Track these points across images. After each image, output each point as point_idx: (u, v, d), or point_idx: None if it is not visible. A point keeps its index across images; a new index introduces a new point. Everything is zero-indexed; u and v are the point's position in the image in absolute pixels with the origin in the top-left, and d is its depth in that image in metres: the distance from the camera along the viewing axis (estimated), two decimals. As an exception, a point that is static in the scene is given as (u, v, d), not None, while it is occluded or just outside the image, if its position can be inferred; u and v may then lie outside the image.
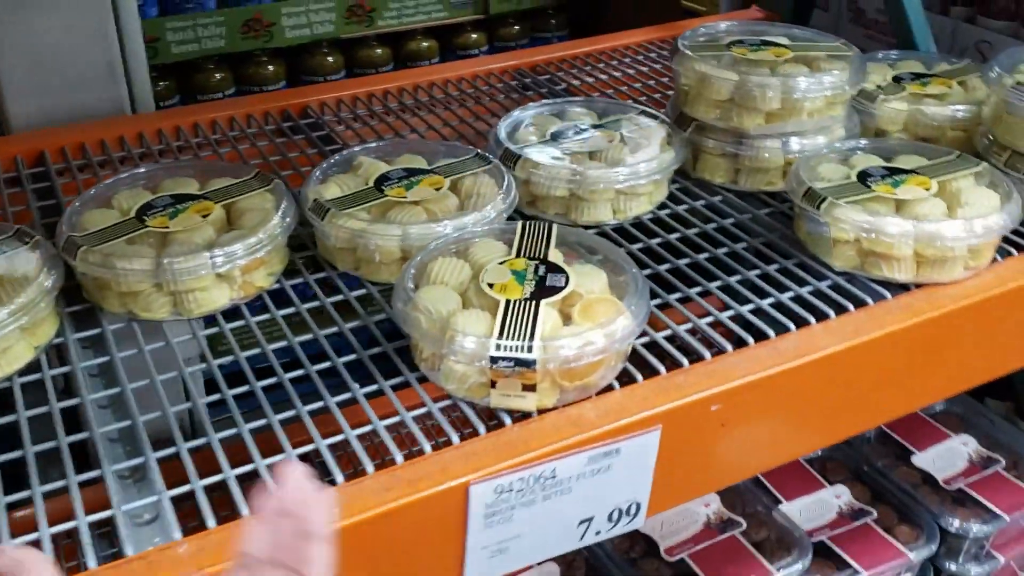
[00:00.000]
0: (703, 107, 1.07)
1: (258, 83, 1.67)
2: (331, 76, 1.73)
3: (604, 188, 0.99)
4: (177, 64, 1.61)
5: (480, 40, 1.88)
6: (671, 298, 0.90)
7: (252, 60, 1.67)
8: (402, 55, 1.82)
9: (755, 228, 1.02)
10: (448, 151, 1.03)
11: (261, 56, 1.67)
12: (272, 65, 1.68)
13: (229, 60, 1.65)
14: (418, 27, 1.80)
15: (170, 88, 1.61)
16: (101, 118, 1.31)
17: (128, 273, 0.82)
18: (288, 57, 1.72)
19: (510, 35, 1.91)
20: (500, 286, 0.79)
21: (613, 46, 1.50)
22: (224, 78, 1.64)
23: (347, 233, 0.89)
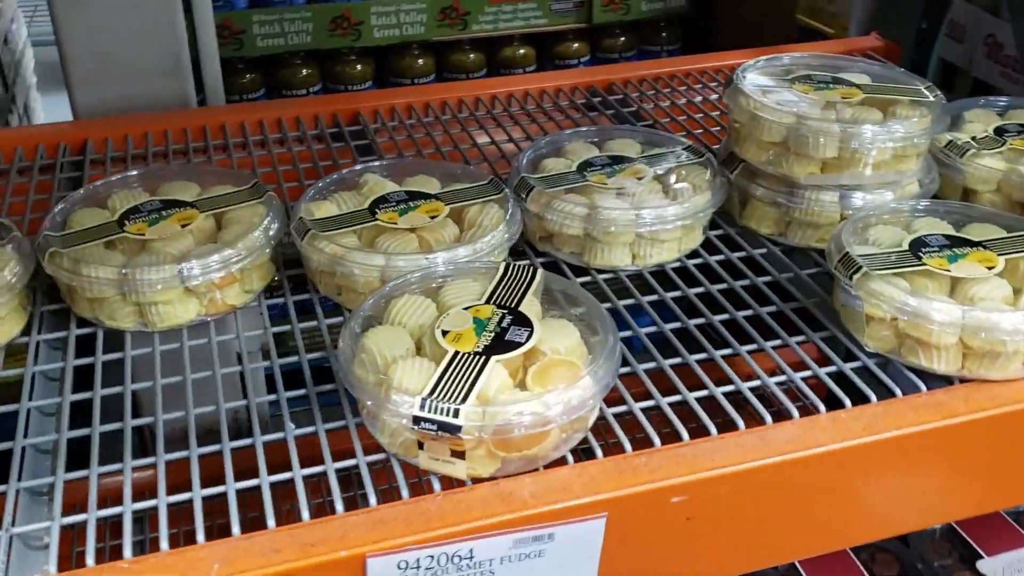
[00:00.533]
0: (753, 148, 0.96)
1: (344, 81, 1.65)
2: (420, 79, 1.69)
3: (621, 231, 0.90)
4: (264, 58, 1.61)
5: (581, 50, 1.80)
6: (665, 363, 0.80)
7: (340, 58, 1.65)
8: (496, 61, 1.77)
9: (792, 291, 0.91)
10: (464, 174, 0.97)
11: (349, 54, 1.65)
12: (360, 64, 1.66)
13: (316, 56, 1.64)
14: (515, 33, 1.74)
15: (255, 81, 1.61)
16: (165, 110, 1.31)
17: (92, 280, 0.80)
18: (377, 56, 1.69)
19: (614, 46, 1.82)
20: (455, 335, 0.72)
21: (701, 68, 1.39)
22: (310, 74, 1.63)
23: (326, 258, 0.84)
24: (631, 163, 0.98)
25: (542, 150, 1.02)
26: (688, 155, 0.99)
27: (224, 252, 0.82)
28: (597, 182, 0.94)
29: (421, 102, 1.27)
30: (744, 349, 0.82)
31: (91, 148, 1.15)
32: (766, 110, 0.94)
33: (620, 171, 0.96)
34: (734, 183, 0.98)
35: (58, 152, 1.14)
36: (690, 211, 0.91)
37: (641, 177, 0.95)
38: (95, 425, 0.73)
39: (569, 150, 1.01)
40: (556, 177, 0.95)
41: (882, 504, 0.76)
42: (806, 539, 0.76)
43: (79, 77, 1.27)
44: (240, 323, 0.85)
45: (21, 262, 0.82)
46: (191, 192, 0.92)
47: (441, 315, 0.75)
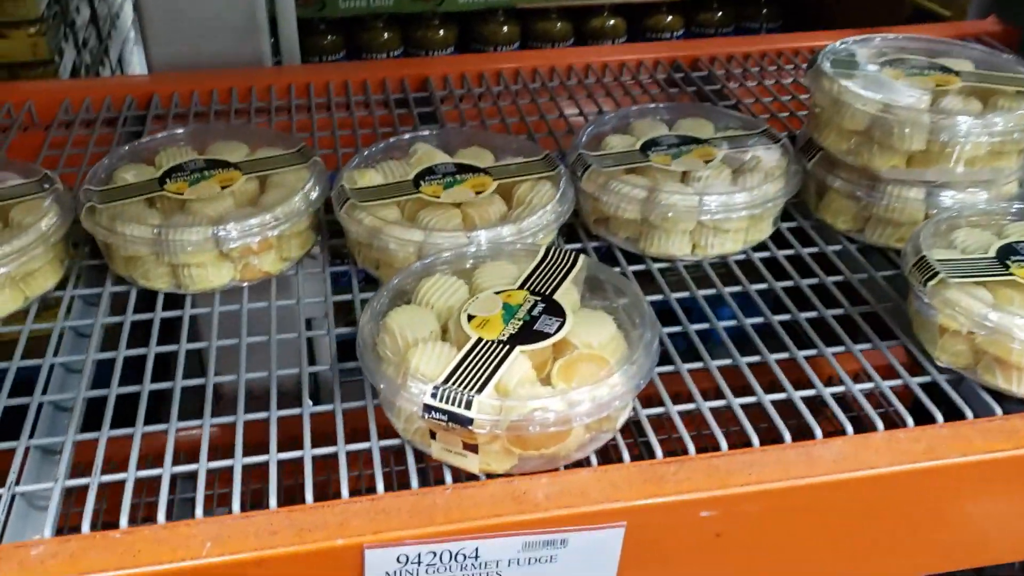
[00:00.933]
0: (833, 136, 0.89)
1: (425, 47, 1.62)
2: (503, 47, 1.64)
3: (681, 218, 0.84)
4: (345, 20, 1.58)
5: (675, 23, 1.72)
6: (712, 364, 0.75)
7: (422, 22, 1.61)
8: (584, 32, 1.70)
9: (864, 294, 0.83)
10: (520, 148, 0.92)
11: (431, 19, 1.61)
12: (442, 29, 1.62)
13: (398, 20, 1.61)
14: (606, 2, 1.67)
15: (336, 43, 1.59)
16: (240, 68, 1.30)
17: (126, 238, 0.78)
18: (461, 22, 1.65)
19: (710, 21, 1.74)
20: (481, 320, 0.68)
21: (795, 47, 1.31)
22: (391, 38, 1.60)
23: (363, 230, 0.80)
24: (700, 144, 0.91)
25: (606, 126, 0.96)
26: (764, 139, 0.92)
27: (262, 217, 0.80)
28: (660, 163, 0.88)
29: (492, 70, 1.22)
30: (802, 354, 0.76)
31: (157, 103, 1.15)
32: (849, 95, 0.86)
33: (687, 152, 0.90)
34: (811, 172, 0.91)
35: (123, 105, 1.14)
36: (759, 199, 0.84)
37: (709, 160, 0.89)
38: (113, 386, 0.71)
39: (635, 127, 0.96)
40: (616, 156, 0.90)
41: (940, 537, 0.69)
42: (849, 567, 0.70)
43: (154, 33, 1.27)
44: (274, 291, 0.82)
45: (60, 214, 0.81)
46: (238, 153, 0.89)
47: (470, 298, 0.70)
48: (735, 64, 1.28)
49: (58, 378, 0.74)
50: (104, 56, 1.92)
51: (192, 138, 0.91)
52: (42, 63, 1.50)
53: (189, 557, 0.57)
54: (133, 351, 0.75)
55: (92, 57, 1.83)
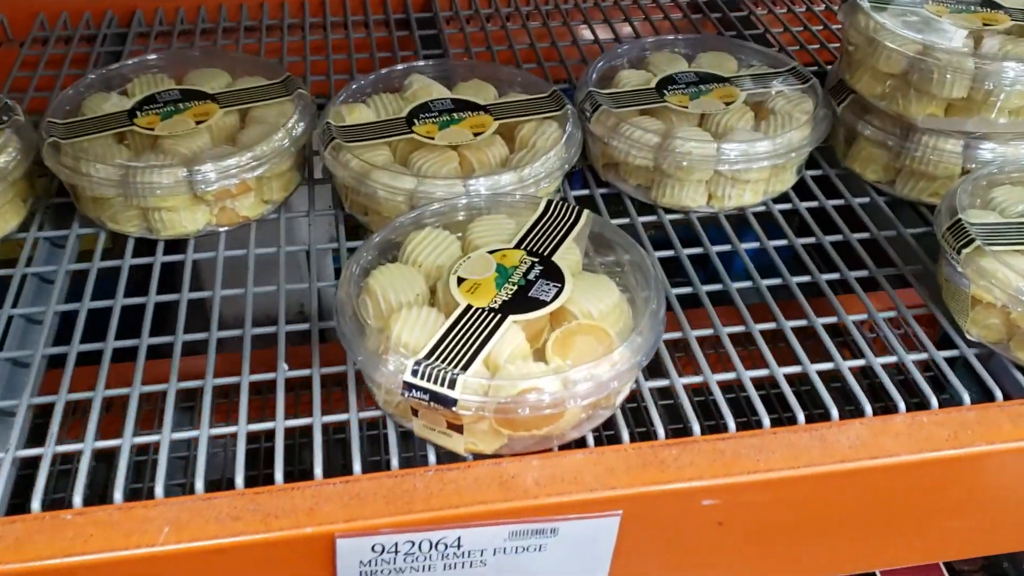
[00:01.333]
0: (867, 79, 0.81)
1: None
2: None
3: (696, 167, 0.77)
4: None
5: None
6: (723, 331, 0.69)
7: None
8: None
9: (890, 254, 0.77)
10: (525, 83, 0.84)
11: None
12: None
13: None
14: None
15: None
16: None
17: (92, 180, 0.72)
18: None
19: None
20: (472, 284, 0.62)
21: (829, -31, 1.21)
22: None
23: (349, 174, 0.74)
24: (721, 83, 0.84)
25: (620, 59, 0.88)
26: (791, 79, 0.85)
27: (240, 156, 0.73)
28: (677, 103, 0.81)
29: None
30: (821, 322, 0.70)
31: (140, 19, 1.07)
32: (885, 33, 0.78)
33: (707, 92, 0.83)
34: (840, 117, 0.83)
35: (103, 22, 1.06)
36: (782, 148, 0.77)
37: (730, 102, 0.81)
38: (74, 344, 0.66)
39: (652, 61, 0.88)
40: (629, 94, 0.82)
41: (959, 525, 0.64)
42: (860, 556, 0.65)
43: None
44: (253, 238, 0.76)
45: (20, 149, 0.74)
46: (218, 82, 0.82)
47: (462, 257, 0.64)
48: (763, -13, 1.19)
49: (17, 331, 0.69)
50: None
51: (169, 64, 0.84)
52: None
53: (144, 544, 0.53)
54: (98, 303, 0.70)
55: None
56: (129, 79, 0.82)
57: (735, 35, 1.08)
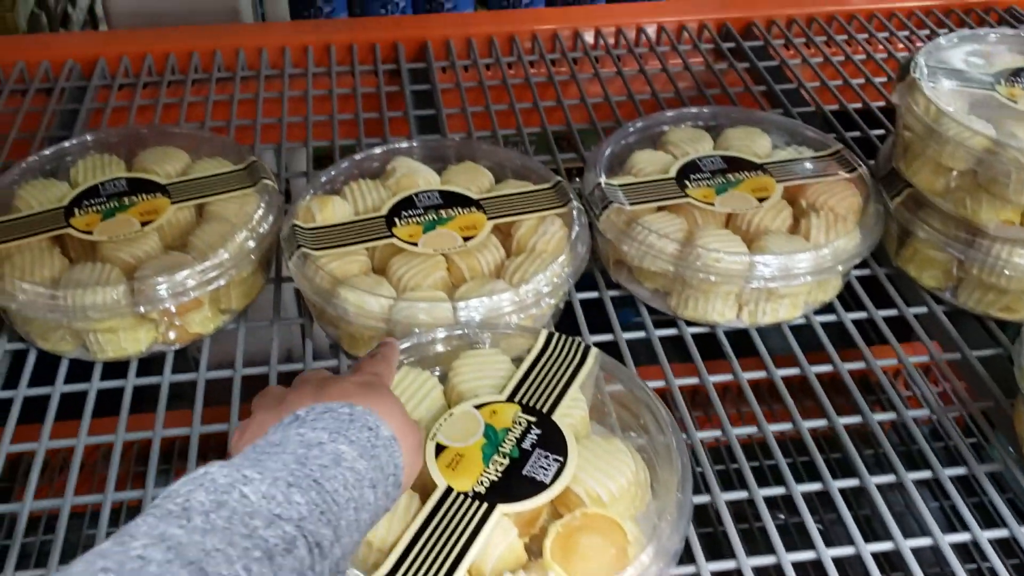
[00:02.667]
0: (927, 172, 0.69)
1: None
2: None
3: (725, 282, 0.65)
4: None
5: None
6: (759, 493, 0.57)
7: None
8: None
9: (953, 383, 0.65)
10: (524, 169, 0.73)
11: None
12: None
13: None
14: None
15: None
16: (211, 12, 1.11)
17: (15, 299, 0.61)
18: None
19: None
20: (454, 455, 0.51)
21: (869, 10, 1.09)
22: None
23: (316, 290, 0.63)
24: (753, 171, 0.72)
25: (632, 137, 0.77)
26: (835, 165, 0.73)
27: (192, 268, 0.62)
28: (701, 199, 0.70)
29: (504, 33, 1.02)
30: (874, 481, 0.58)
31: (103, 69, 0.96)
32: (948, 123, 0.66)
33: (736, 183, 0.71)
34: (893, 213, 0.71)
35: (63, 72, 0.95)
36: (828, 261, 0.65)
37: (764, 197, 0.70)
38: (-16, 506, 0.56)
39: (671, 140, 0.76)
40: (645, 186, 0.71)
41: None
42: None
43: (108, -28, 1.08)
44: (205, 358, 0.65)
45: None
46: (174, 165, 0.71)
47: (444, 412, 0.53)
48: (796, 31, 1.07)
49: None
50: (81, -26, 1.71)
51: (121, 142, 0.73)
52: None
53: None
54: (19, 447, 0.59)
55: (65, -22, 1.63)
56: (73, 161, 0.71)
57: (765, 90, 0.96)
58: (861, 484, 0.58)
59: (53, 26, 1.53)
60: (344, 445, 0.40)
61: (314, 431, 0.40)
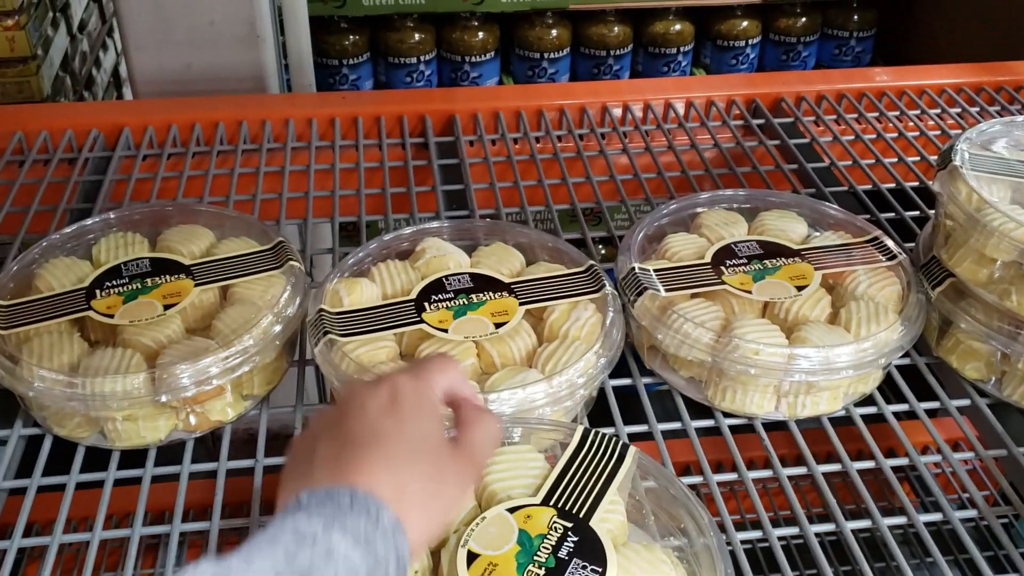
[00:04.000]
0: (969, 262, 0.67)
1: (462, 51, 1.40)
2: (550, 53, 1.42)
3: (763, 375, 0.63)
4: (370, 18, 1.37)
5: (751, 29, 1.48)
6: (802, 606, 0.55)
7: (458, 22, 1.39)
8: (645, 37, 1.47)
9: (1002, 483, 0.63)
10: (555, 252, 0.72)
11: (470, 19, 1.39)
12: (482, 32, 1.40)
13: (431, 19, 1.39)
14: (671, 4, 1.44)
15: (358, 44, 1.38)
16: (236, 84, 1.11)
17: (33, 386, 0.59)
18: (503, 23, 1.43)
19: (791, 28, 1.49)
20: (486, 565, 0.48)
21: (900, 87, 1.08)
22: (424, 40, 1.39)
23: (342, 376, 0.61)
24: (790, 258, 0.70)
25: (666, 218, 0.75)
26: (873, 251, 0.71)
27: (215, 356, 0.60)
28: (738, 286, 0.68)
29: (532, 108, 1.01)
30: (922, 589, 0.56)
31: (128, 139, 0.96)
32: (993, 214, 0.64)
33: (773, 271, 0.69)
34: (935, 303, 0.69)
35: (87, 141, 0.95)
36: (870, 355, 0.63)
37: (802, 285, 0.68)
38: (-6, 604, 0.54)
39: (704, 224, 0.75)
40: (679, 272, 0.69)
41: None
42: None
43: (137, 42, 1.08)
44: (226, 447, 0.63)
45: (-42, 336, 0.62)
46: (198, 245, 0.70)
47: (475, 515, 0.51)
48: (825, 107, 1.06)
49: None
50: (107, 38, 1.73)
51: (144, 220, 0.72)
52: (21, 60, 1.31)
53: None
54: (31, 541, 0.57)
55: (91, 40, 1.65)
56: (95, 239, 0.70)
57: (796, 168, 0.94)
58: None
59: (77, 88, 1.54)
60: (338, 535, 0.39)
61: (310, 522, 0.39)
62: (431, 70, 1.44)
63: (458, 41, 1.41)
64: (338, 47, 1.38)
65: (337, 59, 1.38)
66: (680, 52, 1.50)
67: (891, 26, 1.57)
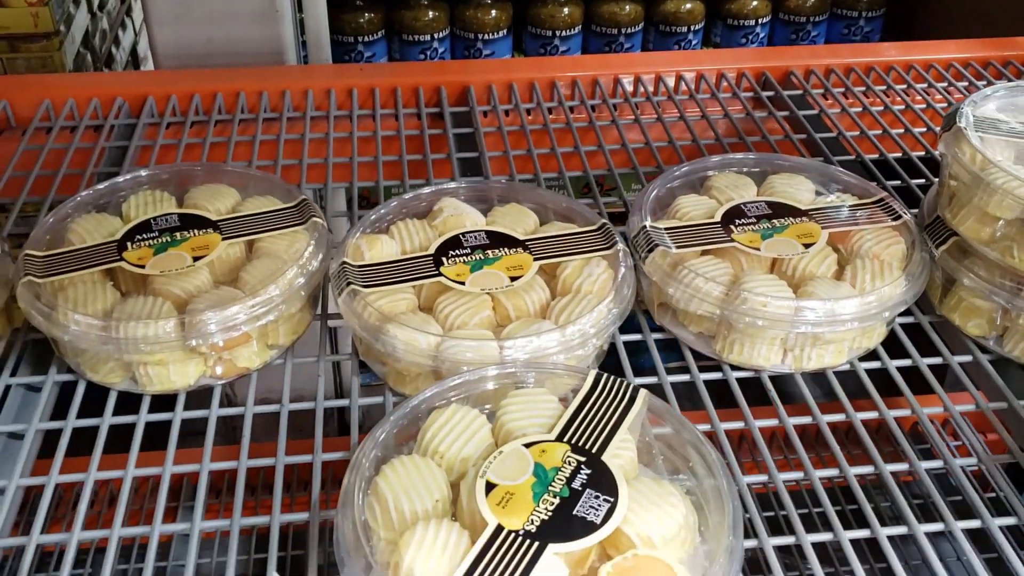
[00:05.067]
0: (973, 221, 0.69)
1: (474, 28, 1.42)
2: (562, 31, 1.44)
3: (770, 327, 0.65)
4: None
5: (760, 9, 1.50)
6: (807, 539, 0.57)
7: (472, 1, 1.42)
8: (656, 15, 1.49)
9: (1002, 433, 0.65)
10: (570, 212, 0.74)
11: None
12: (494, 9, 1.42)
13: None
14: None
15: (374, 22, 1.40)
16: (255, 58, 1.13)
17: (67, 330, 0.62)
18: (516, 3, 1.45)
19: (802, 8, 1.51)
20: (504, 493, 0.51)
21: (908, 61, 1.10)
22: (437, 18, 1.41)
23: (364, 325, 0.63)
24: (798, 218, 0.72)
25: (676, 182, 0.77)
26: (879, 212, 0.73)
27: (242, 305, 0.63)
28: (747, 243, 0.70)
29: (545, 80, 1.04)
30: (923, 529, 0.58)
31: (151, 108, 0.98)
32: (996, 173, 0.66)
33: (781, 229, 0.71)
34: (938, 261, 0.71)
35: (112, 110, 0.97)
36: (874, 308, 0.65)
37: (809, 243, 0.70)
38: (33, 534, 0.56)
39: (715, 186, 0.77)
40: (690, 231, 0.71)
41: None
42: None
43: (159, 16, 1.10)
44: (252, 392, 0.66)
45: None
46: (224, 203, 0.73)
47: (492, 450, 0.53)
48: (834, 81, 1.07)
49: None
50: (126, 17, 1.76)
51: (172, 178, 0.75)
52: (44, 35, 1.34)
53: None
54: (66, 477, 0.60)
55: (111, 19, 1.67)
56: (125, 196, 0.73)
57: (805, 138, 0.96)
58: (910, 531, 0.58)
59: (97, 65, 1.57)
60: None
61: None
62: (444, 48, 1.46)
63: (471, 19, 1.44)
64: (353, 24, 1.40)
65: (352, 36, 1.41)
66: (691, 31, 1.51)
67: (900, 6, 1.58)
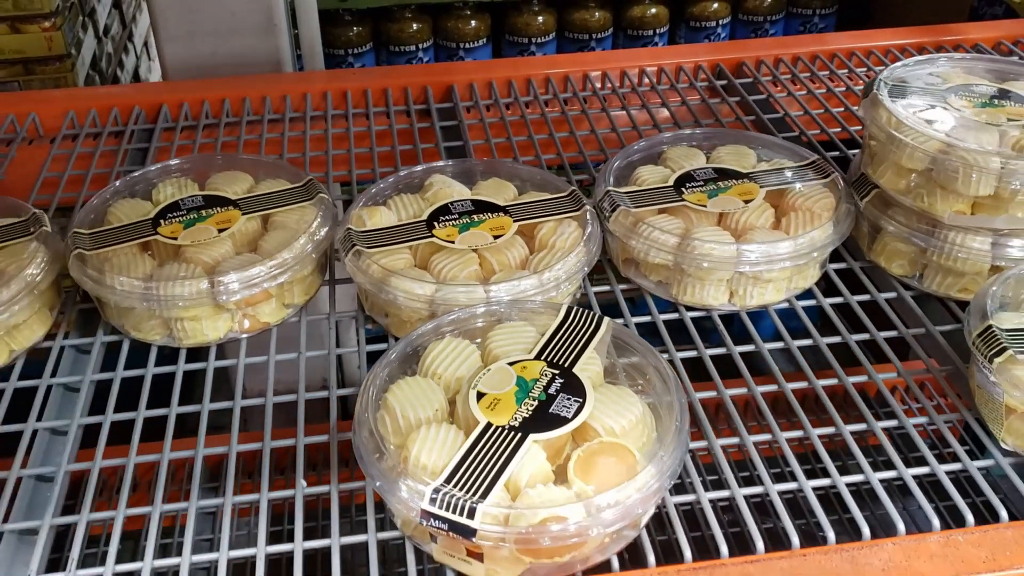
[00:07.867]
0: (890, 174, 0.80)
1: (456, 38, 1.54)
2: (538, 38, 1.56)
3: (717, 268, 0.76)
4: (372, 10, 1.51)
5: (721, 11, 1.62)
6: (749, 440, 0.68)
7: (452, 12, 1.53)
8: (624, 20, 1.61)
9: (920, 353, 0.76)
10: (544, 182, 0.85)
11: (463, 8, 1.53)
12: (474, 20, 1.53)
13: (428, 10, 1.53)
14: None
15: (362, 35, 1.51)
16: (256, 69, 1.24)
17: (116, 292, 0.72)
18: (493, 12, 1.57)
19: (759, 8, 1.63)
20: (492, 400, 0.61)
21: (850, 48, 1.21)
22: (421, 29, 1.52)
23: (370, 280, 0.74)
24: (740, 180, 0.83)
25: (636, 155, 0.88)
26: (811, 173, 0.84)
27: (262, 266, 0.74)
28: (695, 202, 0.81)
29: (522, 77, 1.15)
30: (848, 429, 0.69)
31: (166, 114, 1.09)
32: (907, 130, 0.77)
33: (725, 189, 0.82)
34: (864, 212, 0.82)
35: (131, 117, 1.08)
36: (804, 248, 0.76)
37: (750, 199, 0.81)
38: (97, 459, 0.66)
39: (669, 156, 0.88)
40: (647, 193, 0.82)
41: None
42: None
43: (168, 34, 1.21)
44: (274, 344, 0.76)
45: (47, 260, 0.75)
46: (241, 186, 0.83)
47: (482, 369, 0.64)
48: (783, 69, 1.19)
49: (42, 444, 0.69)
50: (128, 42, 1.87)
51: (193, 167, 0.85)
52: (58, 58, 1.45)
53: None
54: (121, 415, 0.70)
55: (114, 44, 1.78)
56: (154, 184, 0.83)
57: (754, 119, 1.08)
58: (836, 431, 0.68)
59: (104, 88, 1.67)
60: None
61: None
62: (429, 57, 1.57)
63: (453, 29, 1.55)
64: (343, 38, 1.52)
65: (343, 49, 1.52)
66: (656, 34, 1.63)
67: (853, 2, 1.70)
